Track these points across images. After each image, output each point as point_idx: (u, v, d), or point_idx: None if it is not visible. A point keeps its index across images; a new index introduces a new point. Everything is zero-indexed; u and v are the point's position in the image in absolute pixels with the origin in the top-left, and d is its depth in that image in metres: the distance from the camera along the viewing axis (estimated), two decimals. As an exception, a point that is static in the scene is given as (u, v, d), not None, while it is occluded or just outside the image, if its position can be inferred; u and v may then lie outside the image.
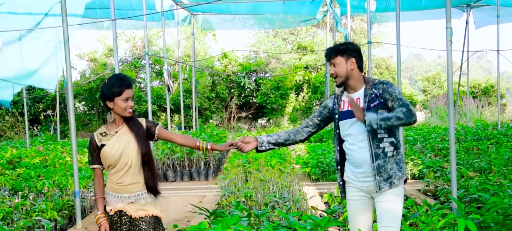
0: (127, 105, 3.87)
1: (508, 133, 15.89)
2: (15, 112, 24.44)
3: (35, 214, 7.19)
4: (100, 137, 3.96)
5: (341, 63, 3.98)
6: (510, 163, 9.79)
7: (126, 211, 3.94)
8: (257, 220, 4.99)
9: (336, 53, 4.01)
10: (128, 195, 3.94)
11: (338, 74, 4.00)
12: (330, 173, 10.78)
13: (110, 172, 3.97)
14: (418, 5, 16.90)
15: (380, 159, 3.86)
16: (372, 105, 3.88)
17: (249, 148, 4.22)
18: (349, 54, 3.99)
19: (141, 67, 26.58)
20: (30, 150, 15.30)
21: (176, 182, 11.77)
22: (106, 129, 3.99)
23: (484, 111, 24.77)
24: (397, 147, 3.94)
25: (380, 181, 3.85)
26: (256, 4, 16.73)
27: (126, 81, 3.89)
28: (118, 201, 3.96)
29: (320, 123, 4.27)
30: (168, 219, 7.97)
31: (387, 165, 3.86)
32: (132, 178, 3.94)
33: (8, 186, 9.42)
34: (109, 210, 3.97)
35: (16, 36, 12.81)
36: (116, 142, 3.91)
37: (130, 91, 3.88)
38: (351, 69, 3.99)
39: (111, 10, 10.60)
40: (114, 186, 3.95)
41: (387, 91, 3.87)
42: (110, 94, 3.84)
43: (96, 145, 3.96)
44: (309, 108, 26.45)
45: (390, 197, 3.89)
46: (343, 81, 4.02)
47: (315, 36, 30.36)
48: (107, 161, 3.92)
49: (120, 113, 3.91)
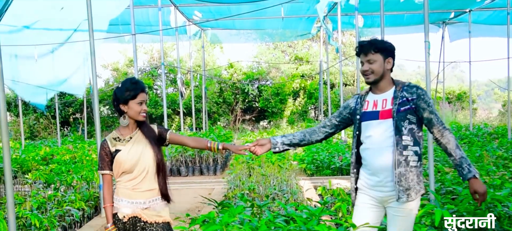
0: (141, 109, 3.43)
1: (479, 133, 15.90)
2: (48, 115, 24.50)
3: (66, 204, 7.20)
4: (114, 142, 3.47)
5: (378, 60, 3.32)
6: (480, 159, 9.78)
7: (141, 217, 3.45)
8: (259, 210, 4.98)
9: (375, 49, 3.34)
10: (143, 201, 3.46)
11: (374, 71, 3.34)
12: (324, 168, 10.79)
13: (123, 178, 3.47)
14: (400, 22, 16.98)
15: (402, 167, 3.20)
16: (402, 109, 3.23)
17: (262, 150, 3.64)
18: (388, 53, 3.36)
19: (157, 76, 26.59)
20: (61, 148, 15.33)
21: (188, 176, 11.77)
22: (119, 133, 3.51)
23: (458, 115, 24.72)
24: (420, 158, 3.27)
25: (400, 190, 3.19)
26: (259, 20, 16.73)
27: (141, 85, 3.47)
28: (132, 206, 3.45)
29: (339, 124, 3.64)
30: (181, 208, 7.98)
31: (409, 175, 3.20)
32: (149, 184, 3.48)
33: (42, 180, 9.43)
34: (122, 217, 3.44)
35: (50, 49, 12.86)
36: (133, 147, 3.46)
37: (144, 95, 3.46)
38: (388, 69, 3.37)
39: (132, 26, 10.65)
40: (128, 191, 3.45)
41: (422, 99, 3.23)
42: (124, 98, 3.40)
43: (109, 150, 3.46)
44: (305, 112, 26.49)
45: (405, 211, 3.24)
46: (377, 79, 3.36)
47: (310, 48, 30.37)
48: (122, 166, 3.43)
49: (134, 117, 3.46)
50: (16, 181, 9.82)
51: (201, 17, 15.88)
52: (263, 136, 18.56)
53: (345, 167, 10.76)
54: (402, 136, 3.20)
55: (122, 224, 3.44)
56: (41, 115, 24.91)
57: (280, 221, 4.00)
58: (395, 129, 3.22)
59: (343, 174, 10.68)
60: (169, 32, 15.90)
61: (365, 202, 3.40)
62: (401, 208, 3.22)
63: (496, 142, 13.47)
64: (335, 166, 10.78)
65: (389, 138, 3.24)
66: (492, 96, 32.51)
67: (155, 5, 13.65)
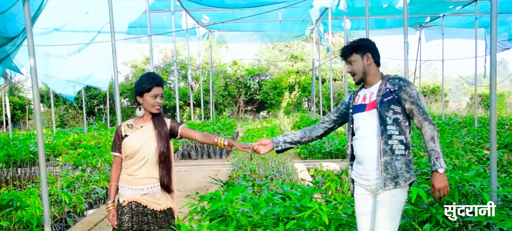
0: (155, 102, 3.22)
1: (450, 122, 15.91)
2: (76, 106, 24.52)
3: (91, 183, 7.23)
4: (126, 128, 3.31)
5: (357, 60, 3.12)
6: (451, 145, 9.79)
7: (140, 202, 3.25)
8: (259, 189, 5.00)
9: (351, 50, 3.15)
10: (141, 187, 3.25)
11: (356, 71, 3.14)
12: (315, 153, 10.81)
13: (127, 163, 3.28)
14: (383, 25, 16.95)
15: (387, 156, 2.95)
16: (386, 100, 3.00)
17: (265, 150, 3.41)
18: (365, 50, 3.11)
19: (170, 72, 26.56)
20: (87, 135, 15.35)
21: (197, 159, 11.79)
22: (134, 122, 3.34)
23: (432, 106, 24.73)
24: (407, 147, 3.00)
25: (386, 178, 2.93)
26: (259, 23, 16.67)
27: (157, 80, 3.24)
28: (131, 193, 3.26)
29: (337, 119, 3.36)
30: (191, 187, 8.01)
31: (395, 163, 2.94)
32: (147, 173, 3.26)
33: (71, 162, 9.47)
34: (122, 201, 3.28)
35: (77, 48, 12.87)
36: (138, 136, 3.27)
37: (159, 89, 3.23)
38: (368, 64, 3.11)
39: (148, 28, 10.62)
40: (127, 177, 3.27)
41: (404, 90, 2.99)
42: (140, 90, 3.21)
43: (120, 134, 3.30)
44: (299, 104, 26.50)
45: (390, 197, 2.95)
46: (361, 78, 3.15)
47: (304, 48, 30.30)
48: (125, 151, 3.26)
49: (148, 109, 3.25)
50: (48, 163, 9.86)
51: (209, 20, 15.85)
52: (263, 124, 18.57)
53: (334, 152, 10.78)
54: (387, 126, 2.97)
55: (121, 208, 3.27)
56: (70, 106, 24.94)
57: (277, 198, 4.01)
58: (379, 119, 3.00)
59: (332, 157, 10.70)
60: (181, 33, 15.87)
61: (360, 192, 3.16)
62: (388, 194, 2.96)
63: (464, 130, 13.48)
64: (326, 151, 10.80)
65: (374, 128, 3.02)
66: (461, 91, 32.47)
67: (169, 10, 13.63)
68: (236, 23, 15.91)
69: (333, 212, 3.54)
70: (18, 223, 4.96)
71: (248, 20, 14.76)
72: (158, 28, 15.18)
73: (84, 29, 12.01)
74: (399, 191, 2.95)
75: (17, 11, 5.80)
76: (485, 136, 11.34)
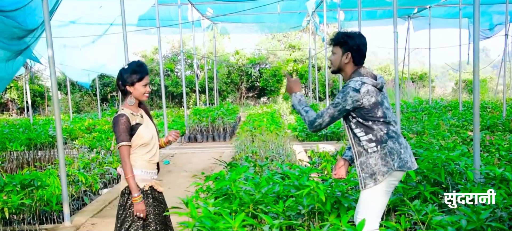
0: (146, 91, 3.03)
1: (436, 106, 15.89)
2: (91, 93, 24.49)
3: (105, 165, 7.25)
4: (132, 117, 2.99)
5: (337, 53, 2.93)
6: (437, 127, 9.78)
7: (156, 187, 3.11)
8: (260, 169, 5.01)
9: (335, 42, 2.95)
10: (154, 171, 3.12)
11: (332, 62, 2.97)
12: (312, 135, 10.80)
13: (140, 150, 3.02)
14: (374, 16, 16.90)
15: (363, 156, 2.82)
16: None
17: (345, 170, 3.08)
18: (347, 48, 2.89)
19: (177, 61, 26.45)
20: (101, 120, 15.37)
21: (203, 142, 11.81)
22: (131, 110, 3.03)
23: (419, 92, 24.67)
24: (381, 142, 2.80)
25: (365, 177, 2.81)
26: (259, 15, 16.56)
27: (145, 68, 3.05)
28: (149, 177, 3.06)
29: None
30: (197, 168, 8.02)
31: (370, 161, 2.80)
32: (158, 156, 3.16)
33: (86, 145, 9.48)
34: (143, 186, 3.01)
35: (91, 40, 12.82)
36: (148, 122, 3.10)
37: (148, 78, 3.05)
38: (345, 63, 2.91)
39: (157, 20, 10.59)
40: (146, 163, 3.04)
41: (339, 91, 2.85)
42: (132, 80, 2.98)
43: (129, 124, 2.96)
44: (297, 90, 26.44)
45: (371, 191, 2.82)
46: (335, 70, 3.00)
47: (301, 38, 30.15)
48: (143, 139, 3.00)
49: (139, 97, 3.03)
50: (66, 146, 9.88)
51: (212, 13, 15.76)
52: (263, 109, 18.55)
53: (330, 134, 10.78)
54: (353, 129, 2.86)
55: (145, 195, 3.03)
56: (85, 93, 24.92)
57: (277, 177, 4.01)
58: (346, 125, 2.92)
59: (328, 140, 10.70)
60: (187, 25, 15.77)
61: None
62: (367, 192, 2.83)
63: (450, 113, 13.46)
64: (322, 133, 10.80)
65: (348, 133, 2.92)
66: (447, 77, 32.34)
67: (176, 3, 13.53)
68: (238, 15, 15.82)
69: (329, 190, 3.54)
70: (39, 201, 4.98)
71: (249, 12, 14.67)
72: (166, 20, 15.07)
73: (97, 21, 11.95)
74: (381, 186, 2.81)
75: (36, 6, 5.77)
76: (469, 118, 11.33)
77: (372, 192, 2.83)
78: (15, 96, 24.27)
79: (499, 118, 11.27)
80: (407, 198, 3.57)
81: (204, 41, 19.56)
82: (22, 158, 8.42)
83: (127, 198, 3.01)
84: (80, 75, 15.24)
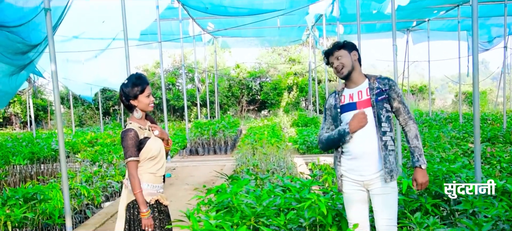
0: (150, 101, 2.99)
1: (437, 118, 15.88)
2: (93, 107, 24.53)
3: (108, 178, 7.23)
4: (141, 131, 2.96)
5: (345, 55, 2.95)
6: (438, 139, 9.76)
7: (162, 201, 3.07)
8: (261, 182, 4.99)
9: (338, 47, 3.00)
10: (160, 185, 3.07)
11: (344, 64, 2.94)
12: (313, 148, 10.77)
13: (149, 164, 2.98)
14: (373, 29, 16.95)
15: (383, 151, 2.85)
16: (380, 98, 2.89)
17: None
18: (351, 48, 2.99)
19: (179, 75, 26.53)
20: (103, 133, 15.35)
21: (204, 155, 11.78)
22: (139, 123, 2.99)
23: (419, 104, 24.66)
24: (394, 143, 2.93)
25: (386, 173, 2.83)
26: (259, 29, 16.65)
27: (145, 79, 3.00)
28: (155, 190, 3.02)
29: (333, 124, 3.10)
30: (199, 181, 7.99)
31: (389, 158, 2.85)
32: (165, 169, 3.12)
33: (89, 158, 9.46)
34: (150, 200, 2.97)
35: (94, 54, 12.88)
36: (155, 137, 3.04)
37: (150, 88, 3.00)
38: (355, 60, 2.98)
39: (158, 35, 10.64)
40: (152, 177, 3.00)
41: (394, 90, 2.90)
42: (134, 93, 2.94)
43: (138, 139, 2.93)
44: (297, 103, 26.46)
45: (389, 190, 2.87)
46: (349, 71, 2.95)
47: (301, 51, 30.25)
48: (151, 152, 2.96)
49: (145, 109, 2.99)
50: (68, 159, 9.86)
51: (213, 27, 15.85)
52: (264, 122, 18.54)
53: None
54: (382, 123, 2.87)
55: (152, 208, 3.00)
56: (87, 107, 24.97)
57: (278, 190, 4.00)
58: (375, 117, 2.89)
59: (329, 152, 10.64)
60: (188, 40, 15.84)
61: (351, 188, 2.98)
62: (386, 187, 2.87)
63: (450, 125, 13.45)
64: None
65: (370, 126, 2.88)
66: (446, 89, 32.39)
67: (177, 18, 13.61)
68: (238, 29, 15.89)
69: (330, 202, 3.52)
70: (41, 214, 4.96)
71: (249, 27, 14.75)
72: (167, 35, 15.15)
73: (100, 36, 12.02)
74: (395, 184, 2.90)
75: (40, 21, 5.81)
76: (469, 130, 11.30)
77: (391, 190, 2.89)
78: (19, 110, 24.33)
79: (499, 129, 11.24)
80: (408, 211, 3.55)
81: (205, 55, 19.64)
82: (25, 171, 8.40)
83: (133, 212, 2.98)
84: (82, 89, 15.28)
